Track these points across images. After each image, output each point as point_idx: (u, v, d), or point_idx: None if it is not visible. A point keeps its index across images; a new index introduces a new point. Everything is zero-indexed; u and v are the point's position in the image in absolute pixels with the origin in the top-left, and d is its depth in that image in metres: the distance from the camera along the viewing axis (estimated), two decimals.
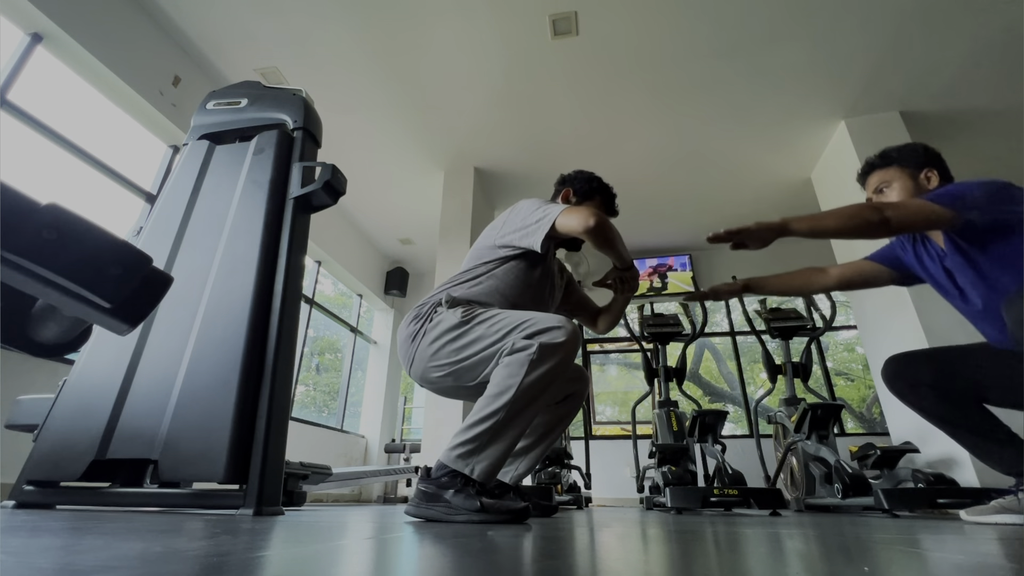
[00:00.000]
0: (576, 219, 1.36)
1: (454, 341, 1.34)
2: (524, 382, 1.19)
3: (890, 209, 1.31)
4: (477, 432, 1.20)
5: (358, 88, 3.76)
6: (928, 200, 1.34)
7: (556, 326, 1.23)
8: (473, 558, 0.55)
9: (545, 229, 1.39)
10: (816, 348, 5.11)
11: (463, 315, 1.35)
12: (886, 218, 1.29)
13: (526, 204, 1.51)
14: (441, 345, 1.36)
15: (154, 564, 0.43)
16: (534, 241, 1.42)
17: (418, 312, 1.45)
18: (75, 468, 1.48)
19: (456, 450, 1.21)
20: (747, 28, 3.26)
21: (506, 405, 1.19)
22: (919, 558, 0.60)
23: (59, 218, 0.72)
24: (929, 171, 1.53)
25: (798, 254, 4.38)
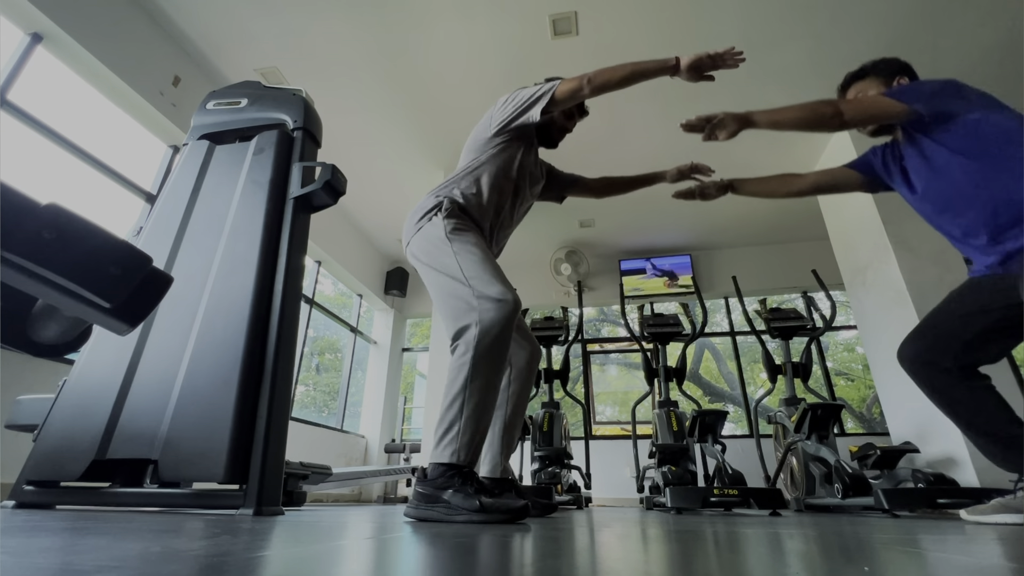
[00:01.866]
0: (574, 80, 1.48)
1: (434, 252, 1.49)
2: (474, 358, 1.29)
3: (844, 103, 1.43)
4: (450, 418, 1.27)
5: (358, 88, 3.76)
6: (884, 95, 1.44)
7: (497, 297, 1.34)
8: (473, 558, 0.55)
9: (546, 99, 1.50)
10: (816, 348, 5.11)
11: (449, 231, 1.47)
12: (840, 111, 1.41)
13: (514, 92, 1.61)
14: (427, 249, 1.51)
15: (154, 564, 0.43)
16: (534, 112, 1.53)
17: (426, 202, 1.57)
18: (75, 468, 1.48)
19: (439, 445, 1.27)
20: (747, 28, 3.26)
21: (466, 382, 1.28)
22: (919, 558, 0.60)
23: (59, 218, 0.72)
24: (900, 78, 1.61)
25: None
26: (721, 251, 5.94)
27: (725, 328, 5.84)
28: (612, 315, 6.68)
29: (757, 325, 3.60)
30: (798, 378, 3.23)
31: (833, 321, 3.32)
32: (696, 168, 1.83)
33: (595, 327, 6.76)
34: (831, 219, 4.24)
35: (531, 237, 5.59)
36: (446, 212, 1.52)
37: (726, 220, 5.39)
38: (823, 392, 5.13)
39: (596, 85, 1.47)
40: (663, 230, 5.63)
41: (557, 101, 1.51)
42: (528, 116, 1.55)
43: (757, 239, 5.73)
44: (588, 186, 1.95)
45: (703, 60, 1.45)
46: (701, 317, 3.72)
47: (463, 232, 1.50)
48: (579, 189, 1.95)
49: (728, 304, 5.82)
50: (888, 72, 1.63)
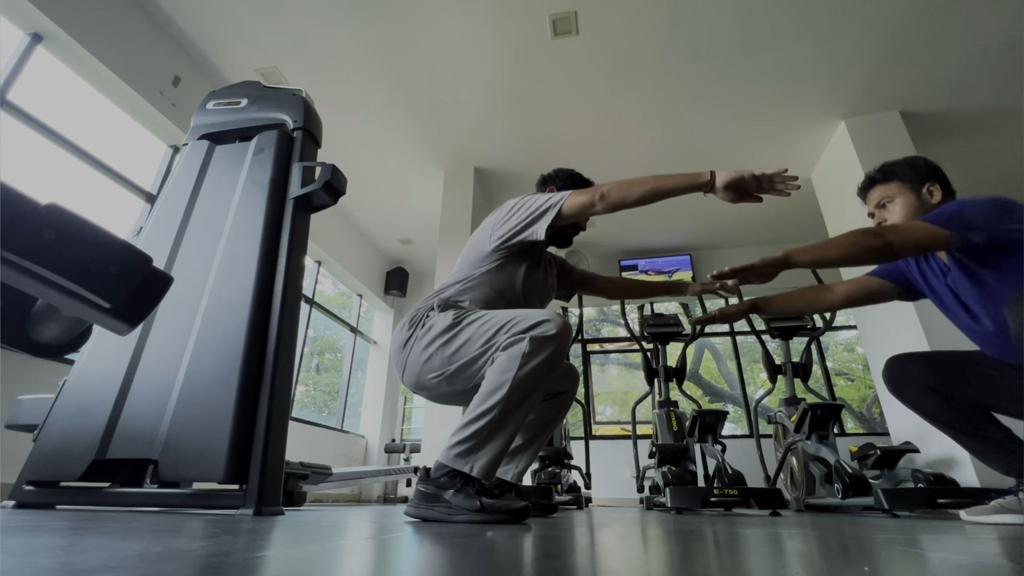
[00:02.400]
0: (586, 195, 1.36)
1: (446, 344, 1.33)
2: (518, 376, 1.19)
3: (891, 233, 1.32)
4: (474, 430, 1.20)
5: (358, 88, 3.76)
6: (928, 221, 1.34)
7: (545, 319, 1.24)
8: (473, 558, 0.55)
9: (552, 215, 1.39)
10: (816, 348, 5.11)
11: (454, 317, 1.35)
12: (888, 243, 1.30)
13: (520, 200, 1.49)
14: (434, 349, 1.35)
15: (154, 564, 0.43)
16: (538, 229, 1.40)
17: (410, 318, 1.44)
18: (75, 468, 1.48)
19: (454, 449, 1.21)
20: (747, 28, 3.26)
21: (501, 401, 1.19)
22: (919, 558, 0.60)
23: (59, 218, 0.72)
24: (931, 185, 1.52)
25: None
26: (721, 251, 5.94)
27: (725, 328, 5.84)
28: (612, 315, 6.68)
29: (757, 325, 3.60)
30: (798, 378, 3.22)
31: (833, 321, 3.32)
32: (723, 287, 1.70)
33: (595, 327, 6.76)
34: (831, 219, 4.24)
35: None
36: (441, 307, 1.40)
37: (726, 220, 5.39)
38: (823, 392, 5.13)
39: (610, 203, 1.33)
40: (663, 230, 5.63)
41: (564, 217, 1.39)
42: (532, 233, 1.42)
43: (757, 239, 5.73)
44: (602, 288, 1.81)
45: (745, 181, 1.28)
46: None
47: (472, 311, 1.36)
48: (592, 289, 1.82)
49: (728, 304, 5.81)
50: (918, 178, 1.54)
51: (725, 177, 1.27)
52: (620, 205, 1.33)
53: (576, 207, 1.37)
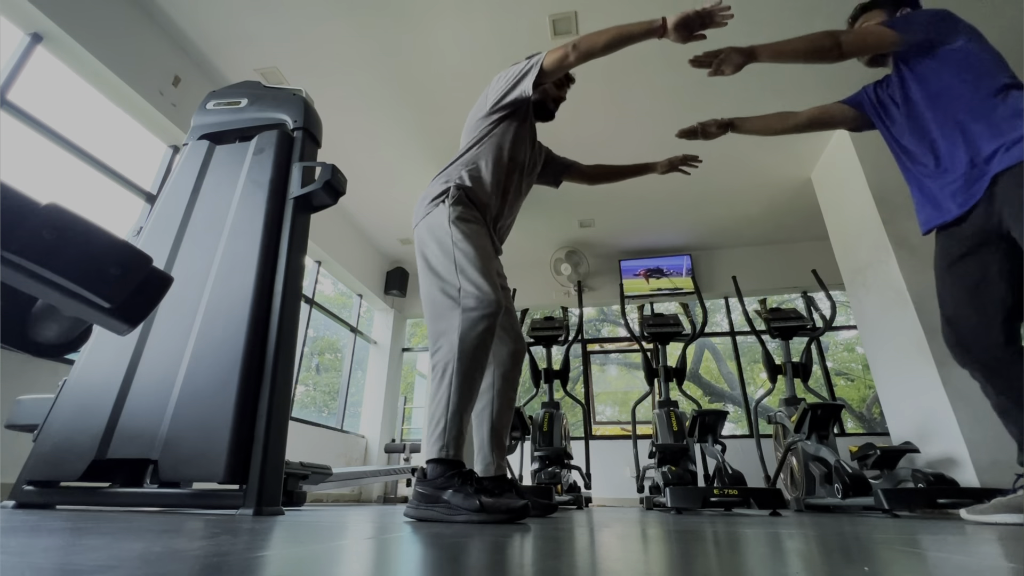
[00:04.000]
0: (560, 49, 1.49)
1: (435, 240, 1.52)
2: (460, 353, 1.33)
3: (843, 34, 1.47)
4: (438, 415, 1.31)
5: (358, 88, 3.76)
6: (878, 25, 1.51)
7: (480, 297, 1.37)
8: (473, 558, 0.55)
9: (536, 71, 1.53)
10: (816, 348, 5.11)
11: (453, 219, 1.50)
12: (838, 41, 1.45)
13: (504, 71, 1.64)
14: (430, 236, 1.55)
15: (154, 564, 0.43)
16: (526, 85, 1.54)
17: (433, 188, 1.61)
18: (75, 468, 1.48)
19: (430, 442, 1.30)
20: (747, 28, 3.26)
21: (451, 381, 1.31)
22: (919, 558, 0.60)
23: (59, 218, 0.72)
24: (903, 9, 1.64)
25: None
26: (721, 251, 5.94)
27: (725, 328, 5.84)
28: (612, 315, 6.68)
29: (757, 325, 3.60)
30: (798, 378, 3.22)
31: (833, 321, 3.32)
32: (686, 159, 1.91)
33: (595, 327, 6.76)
34: (831, 219, 4.24)
35: (531, 237, 5.59)
36: (453, 199, 1.55)
37: (726, 220, 5.39)
38: (823, 392, 5.13)
39: (581, 51, 1.48)
40: (663, 230, 5.62)
41: (546, 72, 1.53)
42: (520, 89, 1.57)
43: (757, 239, 5.73)
44: (582, 171, 2.01)
45: (691, 18, 1.41)
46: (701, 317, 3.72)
47: (467, 223, 1.52)
48: (574, 174, 2.01)
49: (728, 304, 5.82)
50: (892, 3, 1.67)
51: (674, 19, 1.41)
52: (590, 53, 1.48)
53: (554, 61, 1.51)
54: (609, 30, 1.47)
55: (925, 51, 1.46)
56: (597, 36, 1.47)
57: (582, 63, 1.52)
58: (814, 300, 3.62)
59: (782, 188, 4.81)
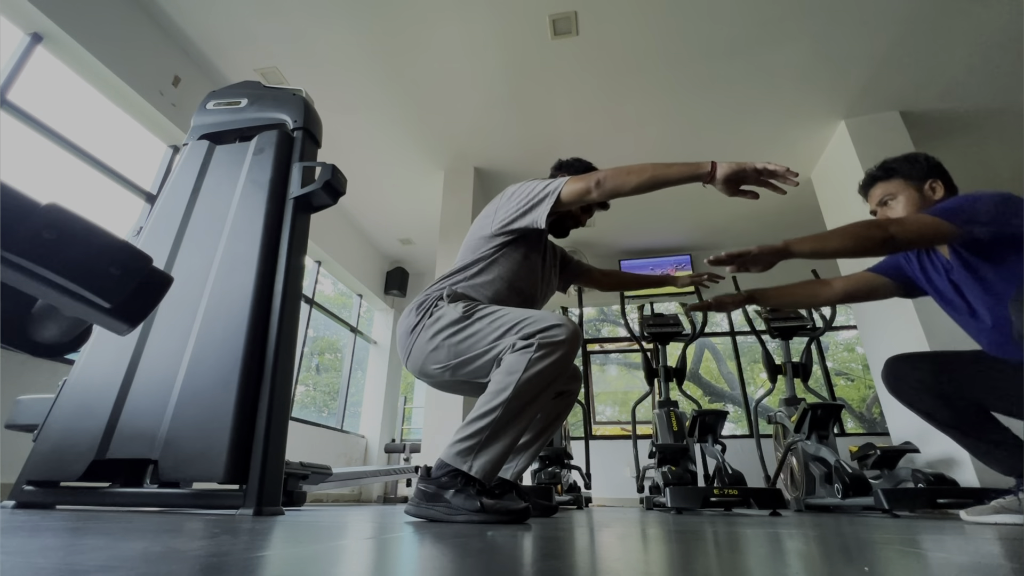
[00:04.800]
0: (583, 180, 1.35)
1: (454, 336, 1.33)
2: (523, 379, 1.19)
3: (894, 225, 1.30)
4: (476, 428, 1.20)
5: (358, 88, 3.76)
6: (931, 215, 1.33)
7: (556, 324, 1.23)
8: (473, 558, 0.55)
9: (551, 201, 1.38)
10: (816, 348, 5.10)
11: (464, 310, 1.34)
12: (890, 235, 1.29)
13: (520, 186, 1.48)
14: (441, 340, 1.34)
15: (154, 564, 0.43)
16: (538, 216, 1.39)
17: (418, 304, 1.44)
18: (75, 468, 1.48)
19: (456, 447, 1.21)
20: (747, 28, 3.26)
21: (505, 402, 1.19)
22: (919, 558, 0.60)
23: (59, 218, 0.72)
24: (933, 182, 1.51)
25: None
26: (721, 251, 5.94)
27: (725, 328, 5.84)
28: (612, 315, 6.68)
29: (757, 325, 3.60)
30: (798, 378, 3.22)
31: (833, 321, 3.32)
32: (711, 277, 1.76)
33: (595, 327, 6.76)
34: (831, 219, 4.24)
35: None
36: (450, 298, 1.38)
37: (726, 220, 5.39)
38: (823, 392, 5.13)
39: (606, 191, 1.33)
40: (663, 230, 5.63)
41: (563, 203, 1.38)
42: (531, 219, 1.41)
43: (757, 239, 5.73)
44: (596, 279, 1.86)
45: (746, 172, 1.24)
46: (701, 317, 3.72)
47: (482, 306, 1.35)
48: (586, 280, 1.86)
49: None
50: (919, 174, 1.53)
51: (726, 168, 1.24)
52: (616, 192, 1.33)
53: (574, 193, 1.36)
54: (644, 168, 1.28)
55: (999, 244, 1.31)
56: (628, 175, 1.31)
57: (605, 200, 1.39)
58: None
59: None
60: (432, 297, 1.43)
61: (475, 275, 1.46)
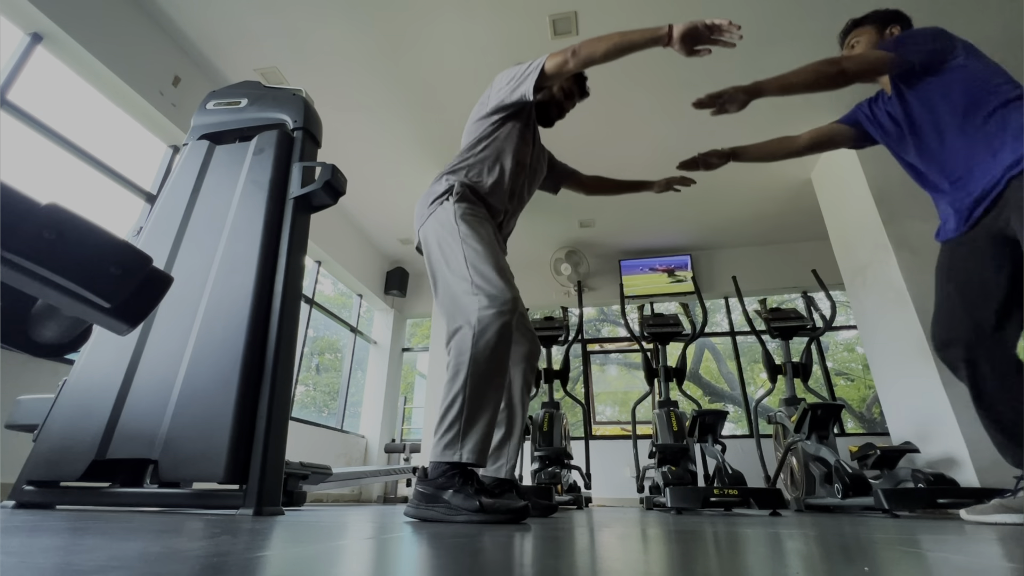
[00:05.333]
0: (560, 53, 1.47)
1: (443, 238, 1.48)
2: (473, 355, 1.28)
3: (845, 60, 1.49)
4: (451, 418, 1.26)
5: (358, 88, 3.76)
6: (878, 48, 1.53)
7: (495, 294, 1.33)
8: (473, 558, 0.55)
9: (536, 73, 1.50)
10: (816, 348, 5.11)
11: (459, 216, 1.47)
12: (843, 68, 1.47)
13: (508, 70, 1.61)
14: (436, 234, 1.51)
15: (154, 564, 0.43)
16: (527, 88, 1.51)
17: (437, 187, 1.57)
18: (75, 468, 1.48)
19: (440, 443, 1.25)
20: (747, 28, 3.25)
21: (465, 382, 1.26)
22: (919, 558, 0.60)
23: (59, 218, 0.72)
24: (893, 27, 1.68)
25: None
26: (721, 251, 5.94)
27: (725, 328, 5.84)
28: (612, 315, 6.68)
29: (757, 325, 3.60)
30: (798, 378, 3.22)
31: (833, 321, 3.32)
32: (683, 180, 1.90)
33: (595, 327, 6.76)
34: (831, 219, 4.24)
35: (531, 237, 5.59)
36: (458, 196, 1.52)
37: (726, 220, 5.39)
38: (823, 392, 5.13)
39: (581, 58, 1.45)
40: (663, 230, 5.62)
41: (547, 75, 1.51)
42: (521, 92, 1.54)
43: (757, 239, 5.73)
44: (581, 181, 2.00)
45: (699, 30, 1.37)
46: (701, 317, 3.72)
47: (474, 219, 1.49)
48: (573, 182, 2.00)
49: (728, 304, 5.82)
50: (882, 21, 1.71)
51: (681, 28, 1.37)
52: (590, 60, 1.45)
53: (555, 65, 1.49)
54: (611, 36, 1.42)
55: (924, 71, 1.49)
56: (598, 42, 1.43)
57: (582, 69, 1.51)
58: (814, 300, 3.62)
59: (782, 188, 4.82)
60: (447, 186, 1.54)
61: (479, 152, 1.60)
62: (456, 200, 1.51)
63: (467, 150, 1.63)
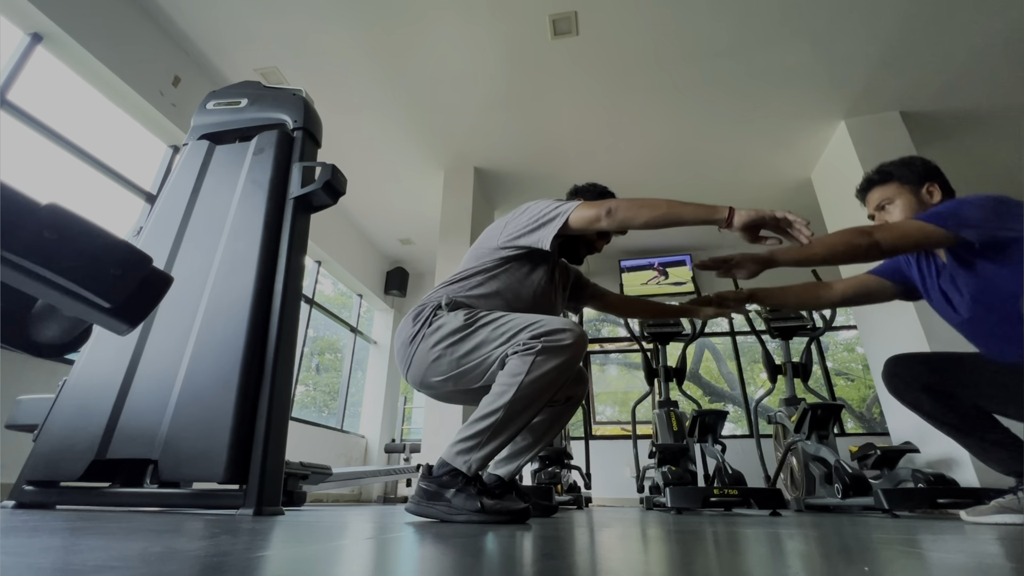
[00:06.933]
0: (594, 207, 1.31)
1: (456, 345, 1.30)
2: (525, 381, 1.18)
3: (879, 231, 1.30)
4: (478, 430, 1.21)
5: (358, 88, 3.76)
6: (921, 219, 1.32)
7: (562, 328, 1.22)
8: (473, 558, 0.55)
9: (558, 224, 1.34)
10: (816, 348, 5.11)
11: (466, 319, 1.31)
12: (875, 241, 1.28)
13: (535, 203, 1.45)
14: (443, 349, 1.32)
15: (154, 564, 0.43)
16: (543, 236, 1.36)
17: (417, 314, 1.40)
18: (75, 468, 1.48)
19: (457, 446, 1.22)
20: (747, 28, 3.26)
21: (506, 404, 1.19)
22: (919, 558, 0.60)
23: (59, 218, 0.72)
24: (931, 185, 1.50)
25: None
26: (721, 251, 5.93)
27: (725, 328, 5.84)
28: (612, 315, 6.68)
29: (757, 325, 3.60)
30: (798, 378, 3.22)
31: (833, 321, 3.31)
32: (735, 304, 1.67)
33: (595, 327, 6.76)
34: (831, 219, 4.24)
35: None
36: (450, 306, 1.35)
37: None
38: (823, 392, 5.13)
39: (616, 220, 1.29)
40: (663, 230, 5.62)
41: (571, 228, 1.34)
42: (536, 238, 1.38)
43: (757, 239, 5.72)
44: (613, 304, 1.82)
45: (765, 220, 1.20)
46: None
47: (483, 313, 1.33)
48: (603, 305, 1.82)
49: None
50: (916, 178, 1.51)
51: (745, 216, 1.21)
52: (626, 224, 1.30)
53: (583, 220, 1.32)
54: (658, 204, 1.26)
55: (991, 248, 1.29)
56: (640, 208, 1.27)
57: (615, 231, 1.36)
58: None
59: (782, 188, 4.82)
60: (431, 306, 1.39)
61: (476, 286, 1.43)
62: (450, 309, 1.34)
63: (464, 279, 1.45)
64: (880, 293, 1.63)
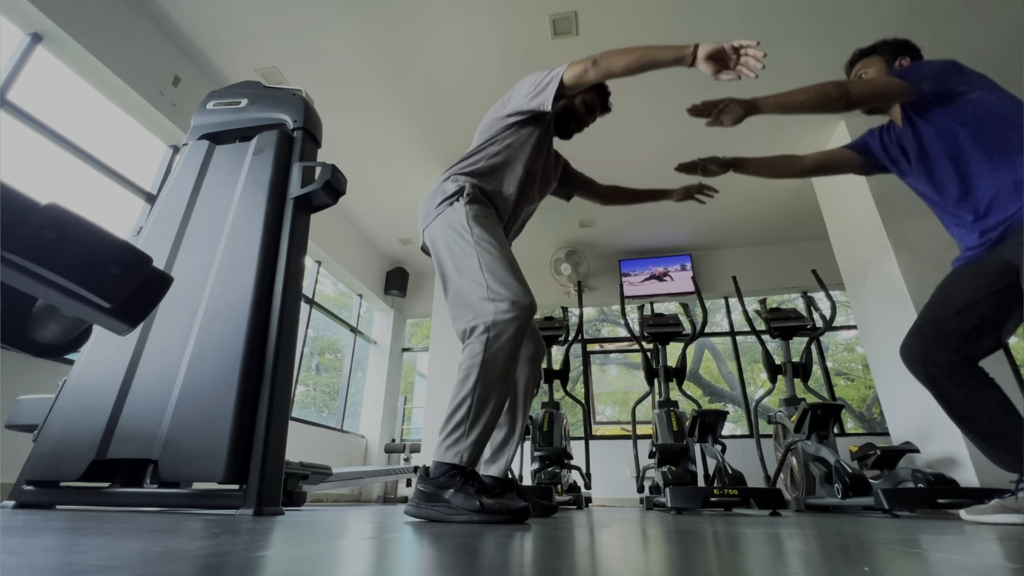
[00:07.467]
0: (580, 62, 1.43)
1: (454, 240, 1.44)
2: (485, 359, 1.27)
3: (851, 84, 1.45)
4: (458, 420, 1.26)
5: (358, 88, 3.76)
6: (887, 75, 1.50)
7: (514, 299, 1.31)
8: (473, 558, 0.55)
9: (555, 84, 1.46)
10: (816, 348, 5.11)
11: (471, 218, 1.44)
12: (846, 91, 1.43)
13: (530, 76, 1.57)
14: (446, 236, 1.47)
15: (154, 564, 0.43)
16: (545, 98, 1.48)
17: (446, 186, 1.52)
18: (75, 468, 1.48)
19: (445, 444, 1.25)
20: (747, 28, 3.26)
21: (474, 386, 1.26)
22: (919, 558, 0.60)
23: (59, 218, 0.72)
24: (903, 58, 1.65)
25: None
26: (721, 251, 5.94)
27: (725, 328, 5.84)
28: (612, 315, 6.68)
29: (757, 325, 3.60)
30: (798, 378, 3.23)
31: (833, 321, 3.32)
32: (703, 188, 1.87)
33: (595, 327, 6.76)
34: (831, 219, 4.24)
35: (531, 237, 5.59)
36: (469, 197, 1.48)
37: (726, 220, 5.39)
38: (823, 392, 5.13)
39: (600, 69, 1.40)
40: (663, 230, 5.63)
41: (566, 86, 1.46)
42: (539, 101, 1.50)
43: (757, 239, 5.73)
44: (596, 190, 1.94)
45: (725, 51, 1.31)
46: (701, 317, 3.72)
47: (487, 221, 1.46)
48: (587, 191, 1.94)
49: (728, 304, 5.82)
50: (892, 51, 1.67)
51: (707, 48, 1.31)
52: (609, 71, 1.41)
53: (574, 74, 1.45)
54: (634, 50, 1.37)
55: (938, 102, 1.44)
56: (620, 55, 1.38)
57: (602, 80, 1.47)
58: (814, 300, 3.62)
59: (782, 188, 4.82)
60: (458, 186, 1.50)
61: (490, 155, 1.57)
62: (468, 202, 1.47)
63: (478, 149, 1.59)
64: (847, 163, 1.75)
